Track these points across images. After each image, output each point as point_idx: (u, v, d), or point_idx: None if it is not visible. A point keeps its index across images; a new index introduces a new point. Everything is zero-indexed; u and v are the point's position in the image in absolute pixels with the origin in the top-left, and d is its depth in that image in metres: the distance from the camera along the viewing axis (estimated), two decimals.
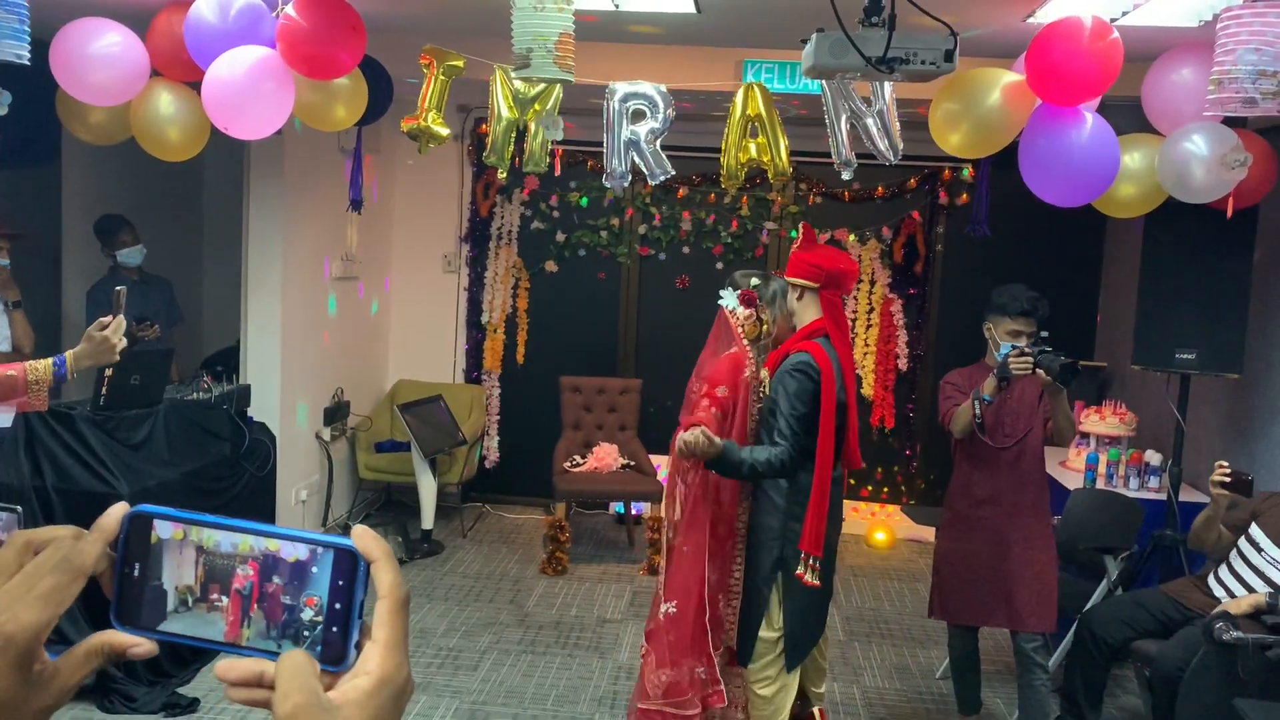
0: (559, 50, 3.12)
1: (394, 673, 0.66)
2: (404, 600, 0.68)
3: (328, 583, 0.67)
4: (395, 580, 0.68)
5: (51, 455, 4.03)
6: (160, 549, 0.69)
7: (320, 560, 0.67)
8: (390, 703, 0.66)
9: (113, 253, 5.27)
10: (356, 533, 0.68)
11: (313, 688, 0.64)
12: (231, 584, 0.68)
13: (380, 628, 0.67)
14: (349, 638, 0.67)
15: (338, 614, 0.67)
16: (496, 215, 7.00)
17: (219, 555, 0.68)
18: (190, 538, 0.69)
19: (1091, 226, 6.45)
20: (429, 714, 4.08)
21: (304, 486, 5.84)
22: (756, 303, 3.49)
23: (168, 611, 0.69)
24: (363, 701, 0.64)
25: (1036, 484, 3.84)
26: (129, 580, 0.69)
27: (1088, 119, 3.74)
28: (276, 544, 0.67)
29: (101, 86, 3.93)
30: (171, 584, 0.69)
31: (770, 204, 6.88)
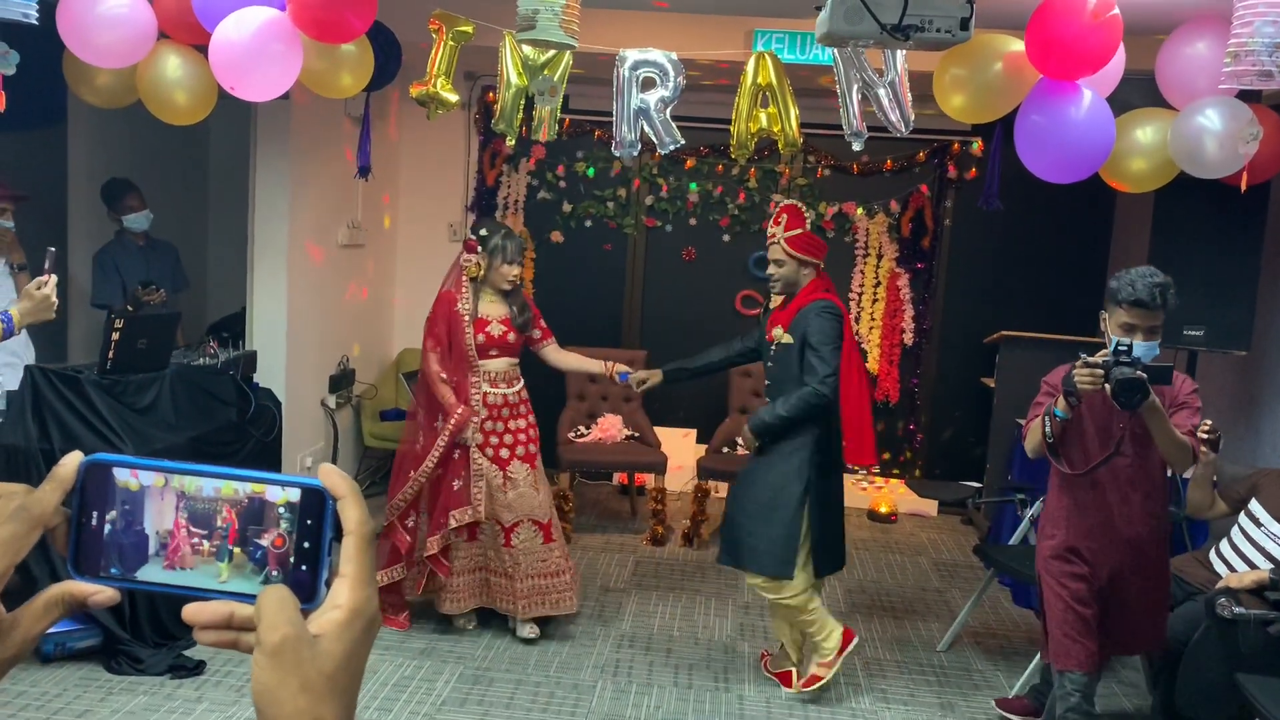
0: (565, 14, 3.10)
1: (364, 605, 0.68)
2: (370, 536, 0.69)
3: (298, 521, 0.68)
4: (361, 516, 0.69)
5: (59, 418, 4.04)
6: (141, 495, 0.69)
7: (291, 501, 0.69)
8: (362, 634, 0.68)
9: (119, 217, 5.26)
10: (323, 470, 0.69)
11: (297, 620, 0.66)
12: (212, 526, 0.69)
13: (348, 562, 0.68)
14: (319, 575, 0.68)
15: (306, 552, 0.68)
16: (503, 185, 6.98)
17: (200, 499, 0.69)
18: (171, 484, 0.69)
19: (1102, 201, 6.42)
20: (432, 679, 4.10)
21: (309, 453, 5.86)
22: (478, 250, 4.36)
23: (149, 555, 0.69)
24: (338, 633, 0.67)
25: (1144, 517, 3.43)
26: (87, 529, 0.70)
27: (1085, 96, 3.71)
28: (260, 486, 0.68)
29: (108, 48, 3.91)
30: (153, 529, 0.69)
31: (778, 176, 6.85)
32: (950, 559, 6.00)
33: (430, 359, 4.37)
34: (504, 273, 4.36)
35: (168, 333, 4.60)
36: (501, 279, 4.36)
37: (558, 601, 4.49)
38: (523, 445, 4.43)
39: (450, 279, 4.45)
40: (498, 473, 4.36)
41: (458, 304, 4.35)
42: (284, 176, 5.34)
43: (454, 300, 4.37)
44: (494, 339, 4.37)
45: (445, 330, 4.35)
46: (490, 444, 4.37)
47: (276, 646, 0.64)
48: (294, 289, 5.50)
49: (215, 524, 0.69)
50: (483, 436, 4.35)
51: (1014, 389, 6.09)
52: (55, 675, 3.91)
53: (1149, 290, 3.13)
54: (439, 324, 4.37)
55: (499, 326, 4.39)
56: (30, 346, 4.75)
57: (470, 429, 4.31)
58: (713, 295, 6.98)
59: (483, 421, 4.34)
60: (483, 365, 4.36)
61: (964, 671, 4.47)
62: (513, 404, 4.42)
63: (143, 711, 3.71)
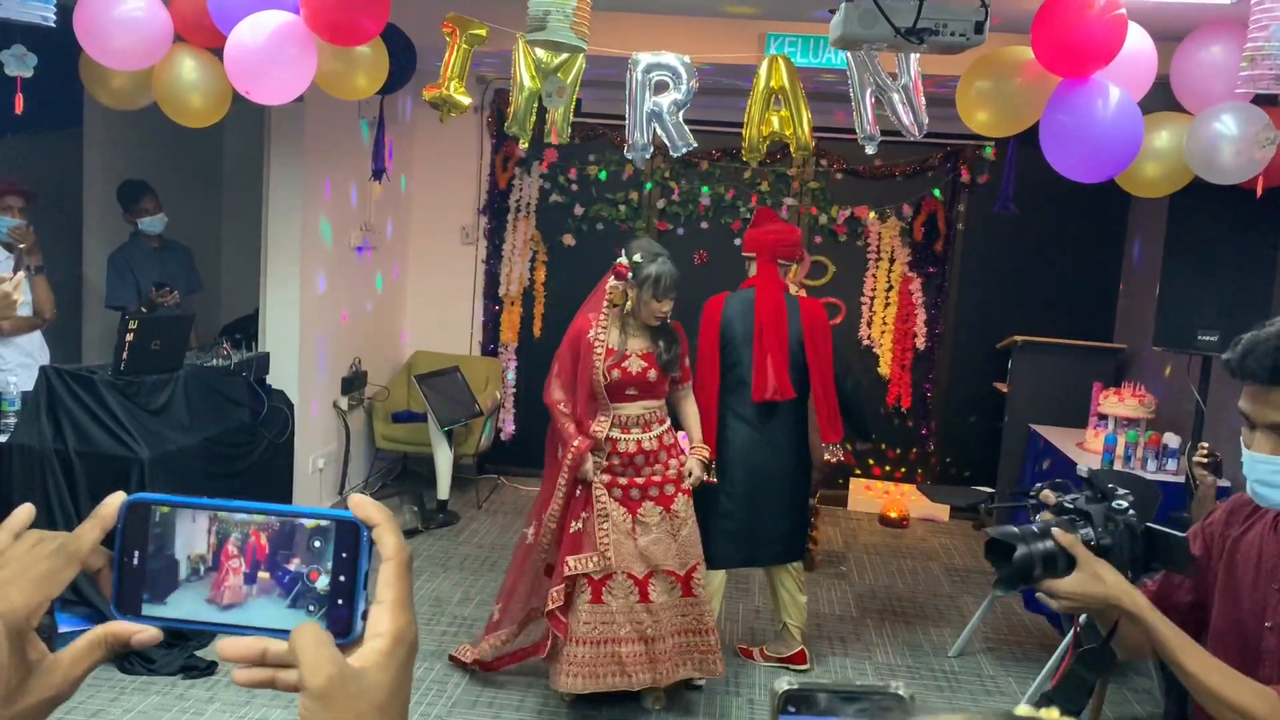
0: (576, 16, 3.10)
1: (405, 630, 0.68)
2: (408, 561, 0.69)
3: (333, 555, 0.68)
4: (398, 542, 0.69)
5: (73, 418, 4.06)
6: (172, 518, 0.69)
7: (326, 533, 0.68)
8: (405, 660, 0.67)
9: (134, 220, 5.29)
10: (354, 502, 0.69)
11: (339, 658, 0.65)
12: (245, 549, 0.68)
13: (387, 588, 0.68)
14: (355, 609, 0.67)
15: (342, 586, 0.68)
16: (515, 188, 6.99)
17: (232, 524, 0.69)
18: (202, 510, 0.69)
19: (1115, 205, 6.40)
20: (443, 682, 4.11)
21: (321, 455, 5.87)
22: (626, 278, 3.85)
23: (179, 580, 0.69)
24: (383, 663, 0.66)
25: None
26: (128, 569, 0.69)
27: (1112, 92, 3.69)
28: (286, 517, 0.68)
29: (125, 51, 3.93)
30: (184, 553, 0.69)
31: (790, 180, 6.85)
32: (962, 564, 5.98)
33: (553, 386, 3.89)
34: (654, 309, 3.80)
35: (181, 334, 4.62)
36: (650, 315, 3.80)
37: (701, 662, 3.90)
38: (657, 486, 3.85)
39: (590, 302, 3.95)
40: (626, 516, 3.80)
41: (591, 331, 3.82)
42: (297, 179, 5.36)
43: (588, 327, 3.83)
44: (631, 376, 3.79)
45: (571, 359, 3.85)
46: (619, 485, 3.82)
47: (323, 689, 0.63)
48: (307, 291, 5.52)
49: (246, 547, 0.68)
50: (609, 478, 3.81)
51: (1026, 393, 6.07)
52: None
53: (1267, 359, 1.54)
54: (566, 351, 3.88)
55: (639, 362, 3.80)
56: (45, 347, 4.78)
57: (589, 462, 3.78)
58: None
59: (614, 481, 3.80)
60: (617, 408, 3.81)
61: (975, 677, 4.46)
62: (650, 451, 3.82)
63: (155, 711, 3.73)
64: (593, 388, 3.77)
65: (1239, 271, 4.39)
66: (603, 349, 3.78)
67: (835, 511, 6.79)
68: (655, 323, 3.84)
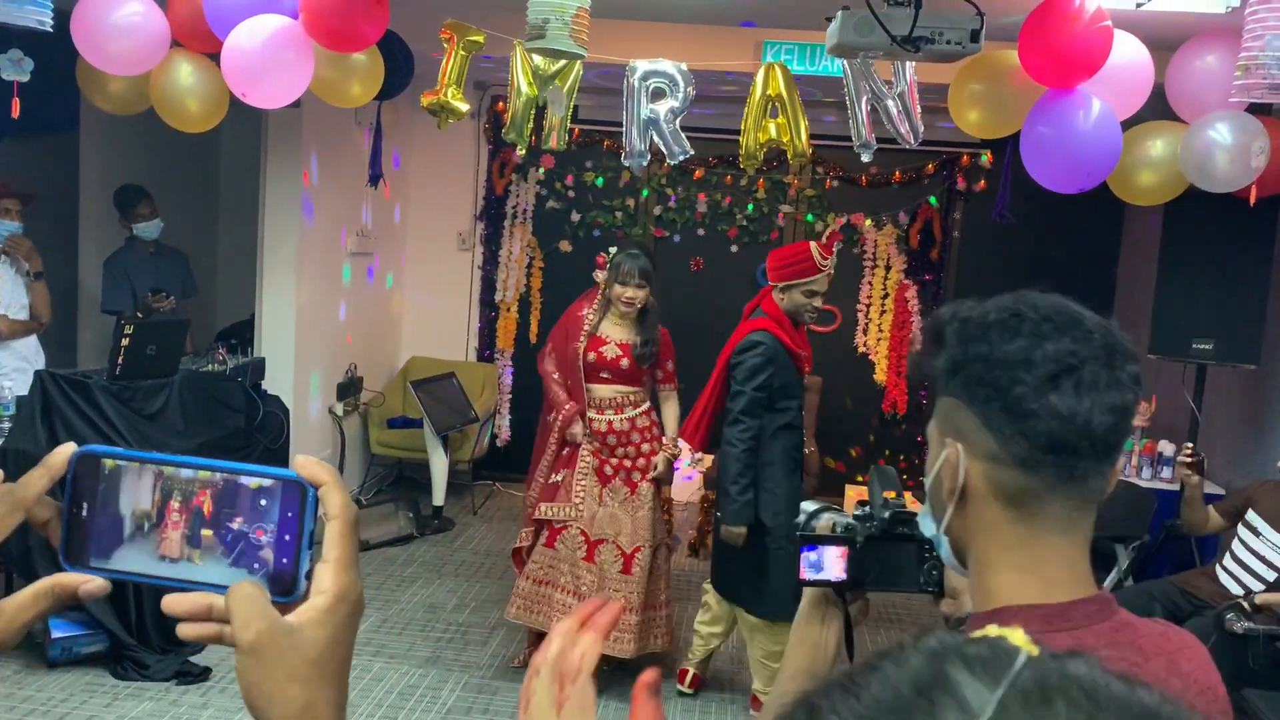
0: (575, 24, 3.11)
1: (348, 589, 0.68)
2: (354, 520, 0.69)
3: (278, 514, 0.68)
4: (344, 501, 0.69)
5: (68, 423, 4.05)
6: (117, 474, 0.69)
7: (271, 492, 0.68)
8: (346, 619, 0.67)
9: (130, 225, 5.28)
10: (299, 462, 0.69)
11: (271, 614, 0.65)
12: (189, 507, 0.68)
13: (332, 547, 0.68)
14: (299, 568, 0.67)
15: (287, 545, 0.68)
16: (512, 194, 6.99)
17: (177, 481, 0.68)
18: (148, 465, 0.69)
19: (1110, 213, 6.41)
20: (438, 688, 4.10)
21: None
22: (604, 267, 4.27)
23: (124, 537, 0.69)
24: (322, 619, 0.66)
25: None
26: (77, 520, 0.70)
27: (1094, 105, 3.71)
28: (232, 474, 0.68)
29: (122, 56, 3.93)
30: (129, 509, 0.69)
31: (786, 187, 6.86)
32: None
33: (546, 359, 4.33)
34: (618, 293, 4.12)
35: (177, 339, 4.61)
36: (619, 299, 4.13)
37: (614, 639, 4.11)
38: (625, 471, 4.17)
39: (589, 292, 4.39)
40: (597, 484, 4.16)
41: (582, 312, 4.26)
42: (294, 184, 5.36)
43: (580, 309, 4.28)
44: (605, 360, 4.14)
45: (563, 335, 4.30)
46: (603, 472, 4.17)
47: (252, 644, 0.64)
48: (302, 297, 5.52)
49: (190, 506, 0.68)
50: (597, 462, 4.16)
51: None
52: (61, 680, 3.92)
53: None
54: (560, 328, 4.33)
55: (615, 349, 4.15)
56: (40, 352, 4.77)
57: (578, 426, 4.16)
58: (721, 305, 6.96)
59: (595, 451, 4.16)
60: (591, 389, 4.17)
61: None
62: (621, 432, 4.15)
63: (148, 717, 3.72)
64: (572, 362, 4.19)
65: (1233, 280, 4.41)
66: (586, 330, 4.19)
67: None
68: (625, 308, 4.13)
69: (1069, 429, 0.92)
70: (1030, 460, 0.94)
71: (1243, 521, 3.90)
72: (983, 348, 0.96)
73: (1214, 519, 4.05)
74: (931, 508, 1.06)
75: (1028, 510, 0.97)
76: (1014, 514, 0.97)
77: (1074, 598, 0.97)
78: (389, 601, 4.93)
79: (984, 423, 0.96)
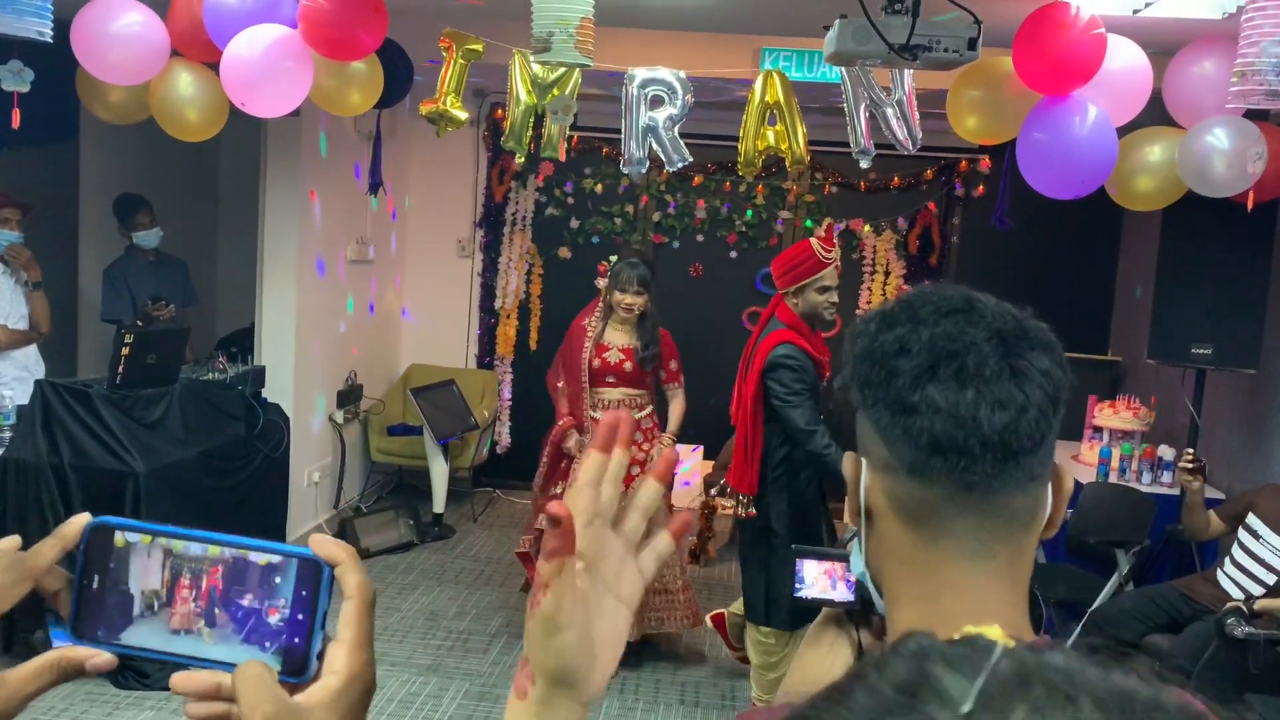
0: (579, 35, 3.12)
1: (361, 670, 0.66)
2: (371, 601, 0.68)
3: (291, 592, 0.66)
4: (361, 580, 0.67)
5: (68, 432, 4.06)
6: (127, 552, 0.68)
7: (284, 569, 0.67)
8: (358, 701, 0.66)
9: (129, 233, 5.29)
10: (316, 541, 0.67)
11: (278, 695, 0.63)
12: (199, 586, 0.67)
13: (347, 627, 0.67)
14: (311, 648, 0.66)
15: (300, 624, 0.66)
16: (511, 201, 7.00)
17: (186, 559, 0.67)
18: (158, 542, 0.68)
19: (1109, 219, 6.42)
20: (439, 696, 4.10)
21: (316, 468, 5.87)
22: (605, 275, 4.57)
23: (134, 615, 0.68)
24: (332, 701, 0.65)
25: None
26: (88, 592, 0.68)
27: (1090, 111, 3.72)
28: (244, 550, 0.67)
29: (121, 65, 3.94)
30: (138, 588, 0.68)
31: (785, 193, 6.87)
32: None
33: (553, 372, 4.57)
34: (617, 299, 4.34)
35: (177, 348, 4.62)
36: (617, 305, 4.35)
37: (661, 620, 4.38)
38: (641, 467, 4.27)
39: (593, 303, 4.58)
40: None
41: (585, 322, 4.47)
42: (294, 192, 5.37)
43: (583, 319, 4.49)
44: (609, 365, 4.37)
45: (568, 347, 4.49)
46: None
47: None
48: (303, 305, 5.52)
49: (201, 584, 0.67)
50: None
51: None
52: (62, 690, 3.92)
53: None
54: (566, 340, 4.53)
55: (618, 354, 4.38)
56: (40, 361, 4.78)
57: (572, 439, 4.39)
58: (720, 311, 6.98)
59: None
60: (598, 392, 4.38)
61: None
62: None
63: None
64: (577, 369, 4.39)
65: (1231, 285, 4.41)
66: (591, 339, 4.40)
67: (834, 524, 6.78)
68: (625, 314, 4.34)
69: (952, 425, 0.78)
70: (918, 466, 0.80)
71: (1243, 526, 3.91)
72: (864, 342, 0.85)
73: (1215, 524, 4.07)
74: (856, 542, 0.92)
75: (929, 530, 0.82)
76: (915, 535, 0.83)
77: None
78: (389, 609, 4.93)
79: (875, 427, 0.84)
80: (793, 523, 3.79)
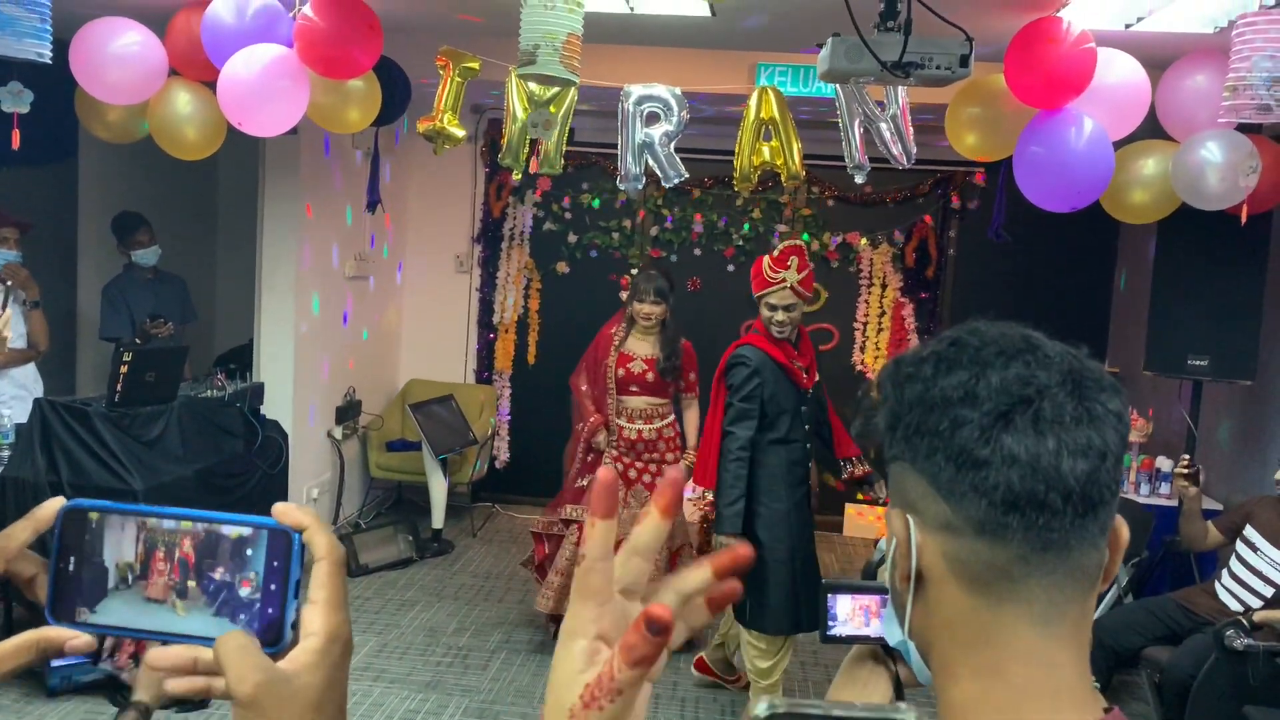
0: (565, 50, 3.13)
1: (339, 629, 0.67)
2: (341, 560, 0.69)
3: (263, 563, 0.67)
4: (330, 542, 0.68)
5: (66, 450, 4.06)
6: (101, 526, 0.69)
7: (255, 541, 0.68)
8: (339, 659, 0.67)
9: (128, 251, 5.30)
10: (279, 510, 0.68)
11: (265, 664, 0.64)
12: (172, 558, 0.68)
13: (320, 588, 0.68)
14: (285, 616, 0.67)
15: (273, 594, 0.67)
16: (509, 216, 7.02)
17: (160, 532, 0.68)
18: (132, 515, 0.69)
19: (1105, 231, 6.44)
20: (439, 712, 4.09)
21: (315, 484, 5.87)
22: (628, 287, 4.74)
23: (108, 589, 0.69)
24: (316, 662, 0.66)
25: None
26: (64, 575, 0.69)
27: (1086, 124, 3.74)
28: (215, 525, 0.68)
29: (120, 85, 3.96)
30: (112, 561, 0.69)
31: (782, 207, 6.89)
32: None
33: (578, 375, 4.71)
34: (636, 309, 4.53)
35: (176, 365, 4.63)
36: (638, 315, 4.53)
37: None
38: (649, 474, 4.57)
39: (618, 314, 4.75)
40: (622, 487, 4.48)
41: (611, 330, 4.65)
42: (292, 210, 5.39)
43: (610, 329, 4.67)
44: (633, 375, 4.54)
45: (594, 353, 4.68)
46: (621, 463, 4.55)
47: (251, 697, 0.63)
48: (301, 321, 5.53)
49: (174, 556, 0.68)
50: (622, 467, 4.55)
51: None
52: (61, 709, 3.91)
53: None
54: (592, 347, 4.70)
55: (640, 364, 4.54)
56: (39, 379, 4.78)
57: (602, 435, 4.58)
58: (718, 325, 6.98)
59: (618, 458, 4.55)
60: (623, 400, 4.57)
61: None
62: (649, 440, 4.57)
63: None
64: (603, 377, 4.57)
65: (1227, 296, 4.42)
66: (615, 348, 4.58)
67: (831, 538, 6.78)
68: (644, 323, 4.52)
69: (1033, 478, 0.71)
70: (990, 524, 0.72)
71: (1241, 538, 3.91)
72: (918, 388, 0.76)
73: (1213, 534, 4.06)
74: (894, 607, 0.82)
75: (995, 595, 0.74)
76: (978, 600, 0.74)
77: (1056, 716, 0.73)
78: (389, 625, 4.93)
79: (931, 482, 0.75)
80: (787, 531, 3.87)
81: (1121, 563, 3.06)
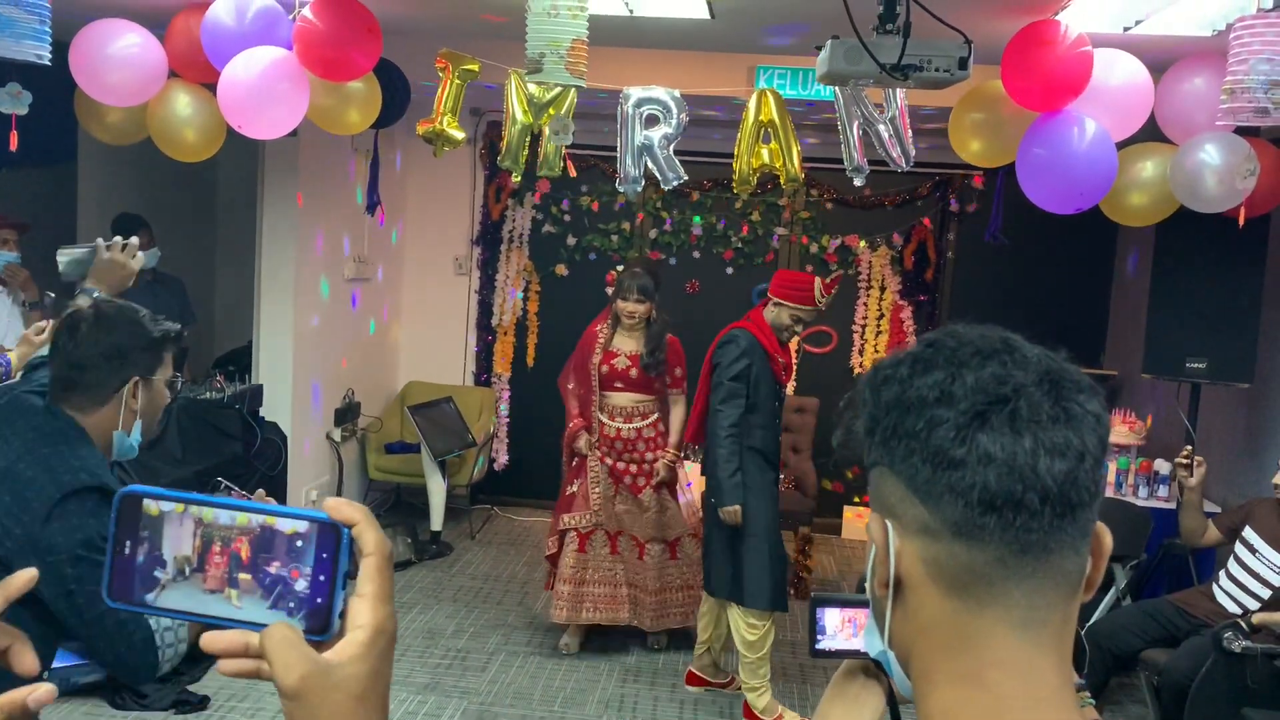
0: (571, 56, 3.14)
1: (385, 621, 0.70)
2: (388, 555, 0.71)
3: (314, 556, 0.70)
4: (378, 538, 0.71)
5: None
6: (160, 521, 0.71)
7: (307, 535, 0.70)
8: (385, 651, 0.70)
9: None
10: (330, 505, 0.70)
11: (310, 655, 0.66)
12: (228, 551, 0.71)
13: (367, 582, 0.70)
14: (333, 609, 0.70)
15: (322, 585, 0.70)
16: (508, 218, 7.03)
17: (217, 527, 0.71)
18: (190, 511, 0.71)
19: (1103, 234, 6.45)
20: (437, 714, 4.09)
21: (314, 486, 5.87)
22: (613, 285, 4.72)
23: (166, 580, 0.71)
24: (362, 654, 0.68)
25: None
26: (120, 559, 0.72)
27: (1088, 125, 3.74)
28: (272, 518, 0.70)
29: (120, 87, 3.96)
30: (170, 554, 0.71)
31: (781, 209, 6.89)
32: None
33: (565, 375, 4.78)
34: (620, 307, 4.57)
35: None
36: (622, 313, 4.57)
37: (685, 614, 4.67)
38: (630, 476, 4.61)
39: (603, 312, 4.79)
40: (611, 484, 4.59)
41: (597, 328, 4.68)
42: (291, 212, 5.39)
43: (595, 327, 4.71)
44: (617, 371, 4.59)
45: (580, 351, 4.71)
46: (606, 460, 4.61)
47: (296, 688, 0.65)
48: (300, 323, 5.53)
49: (229, 550, 0.71)
50: (608, 465, 4.60)
51: None
52: (60, 711, 3.91)
53: None
54: (578, 345, 4.74)
55: (624, 360, 4.59)
56: None
57: (583, 439, 4.61)
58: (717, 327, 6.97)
59: (602, 456, 4.60)
60: (606, 397, 4.61)
61: None
62: (629, 440, 4.60)
63: None
64: (588, 374, 4.60)
65: (1226, 299, 4.43)
66: (600, 345, 4.60)
67: (829, 540, 6.79)
68: (628, 321, 4.55)
69: (1010, 477, 0.70)
70: (967, 526, 0.71)
71: (1240, 539, 3.91)
72: (894, 390, 0.76)
73: (1211, 532, 4.05)
74: (874, 615, 0.81)
75: (974, 599, 0.73)
76: (957, 604, 0.73)
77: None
78: None
79: (908, 485, 0.74)
80: (761, 507, 4.04)
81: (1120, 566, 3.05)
